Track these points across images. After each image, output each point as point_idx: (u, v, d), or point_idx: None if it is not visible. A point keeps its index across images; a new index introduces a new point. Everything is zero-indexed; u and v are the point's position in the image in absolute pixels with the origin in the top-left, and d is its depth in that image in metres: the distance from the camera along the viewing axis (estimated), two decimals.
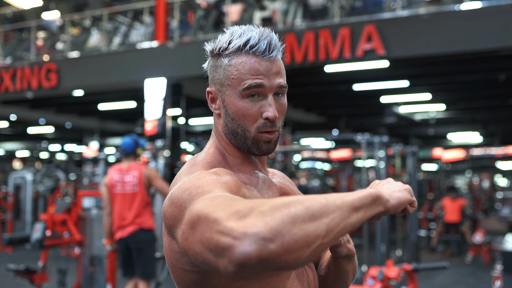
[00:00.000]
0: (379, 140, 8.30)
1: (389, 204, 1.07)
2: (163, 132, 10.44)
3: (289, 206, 0.90)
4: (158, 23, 11.48)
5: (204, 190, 1.05)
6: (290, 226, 0.87)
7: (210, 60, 1.35)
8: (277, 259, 0.86)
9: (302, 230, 0.88)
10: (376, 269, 4.18)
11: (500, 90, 13.59)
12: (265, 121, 1.27)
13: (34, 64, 12.37)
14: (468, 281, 8.77)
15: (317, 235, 0.89)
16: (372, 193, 1.02)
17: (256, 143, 1.29)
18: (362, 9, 10.51)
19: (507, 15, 8.17)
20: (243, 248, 0.85)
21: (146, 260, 5.42)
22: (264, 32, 1.27)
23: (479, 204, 18.30)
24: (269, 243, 0.85)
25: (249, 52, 1.25)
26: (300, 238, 0.87)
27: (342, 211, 0.94)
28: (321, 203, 0.92)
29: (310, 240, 0.88)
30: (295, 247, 0.87)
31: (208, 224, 0.92)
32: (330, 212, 0.92)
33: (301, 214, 0.89)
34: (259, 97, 1.26)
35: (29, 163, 25.10)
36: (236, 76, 1.25)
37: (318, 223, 0.90)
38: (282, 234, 0.86)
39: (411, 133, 21.14)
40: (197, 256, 0.96)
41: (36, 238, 6.07)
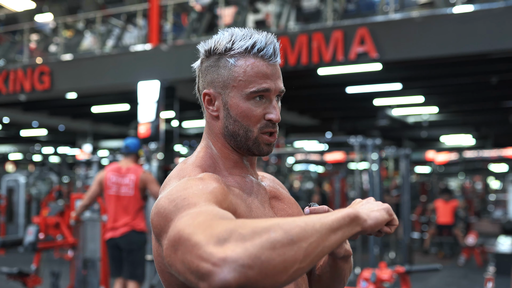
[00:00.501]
0: (372, 142, 8.33)
1: (366, 224, 1.07)
2: (157, 135, 10.43)
3: (269, 231, 0.90)
4: (152, 26, 11.47)
5: (189, 203, 1.05)
6: (269, 252, 0.88)
7: (206, 61, 1.34)
8: (254, 284, 0.86)
9: (280, 256, 0.88)
10: (369, 272, 4.19)
11: (492, 92, 13.66)
12: (268, 122, 1.28)
13: (27, 67, 12.34)
14: (461, 283, 8.80)
15: (294, 260, 0.90)
16: (350, 214, 1.03)
17: (257, 144, 1.30)
18: (355, 12, 10.56)
19: (499, 19, 8.22)
20: (222, 276, 0.85)
21: (136, 261, 5.42)
22: (269, 36, 1.28)
23: (471, 206, 18.36)
24: (248, 270, 0.86)
25: (257, 55, 1.26)
26: (279, 263, 0.88)
27: (320, 234, 0.95)
28: (301, 227, 0.93)
29: (288, 265, 0.89)
30: (273, 272, 0.87)
31: (188, 247, 0.92)
32: (308, 236, 0.93)
33: (280, 239, 0.89)
34: (263, 100, 1.28)
35: (22, 166, 24.98)
36: (243, 78, 1.26)
37: (296, 247, 0.90)
38: (261, 261, 0.86)
39: (404, 136, 21.20)
40: (179, 274, 0.97)
41: (29, 241, 6.05)
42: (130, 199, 5.37)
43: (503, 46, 8.34)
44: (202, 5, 11.42)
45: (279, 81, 1.30)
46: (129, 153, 5.62)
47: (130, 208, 5.36)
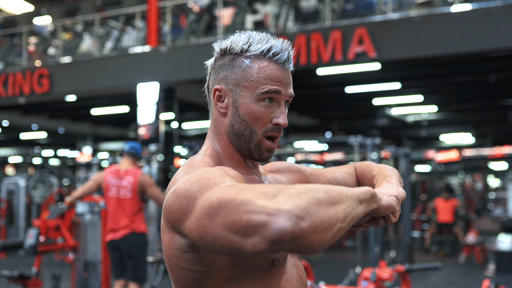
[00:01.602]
0: (372, 142, 8.33)
1: (381, 203, 1.13)
2: (156, 137, 10.45)
3: (312, 190, 0.94)
4: (150, 28, 11.49)
5: (216, 182, 1.07)
6: (316, 208, 0.91)
7: (220, 59, 1.35)
8: (306, 238, 0.89)
9: (326, 212, 0.92)
10: (370, 271, 4.20)
11: (491, 91, 13.68)
12: (274, 126, 1.30)
13: (26, 70, 12.35)
14: (461, 281, 8.81)
15: (337, 219, 0.94)
16: (371, 190, 1.08)
17: (258, 148, 1.32)
18: (353, 12, 10.57)
19: (497, 17, 8.24)
20: (279, 224, 0.88)
21: (137, 263, 5.42)
22: (285, 43, 1.32)
23: (471, 205, 18.37)
24: (301, 221, 0.88)
25: (271, 59, 1.29)
26: (325, 219, 0.91)
27: (352, 201, 1.00)
28: (337, 191, 0.98)
29: (333, 222, 0.93)
30: (321, 227, 0.91)
31: (234, 207, 0.94)
32: (344, 200, 0.98)
33: (324, 198, 0.93)
34: (272, 103, 1.30)
35: (22, 169, 25.00)
36: (256, 79, 1.28)
37: (337, 208, 0.95)
38: (311, 214, 0.90)
39: (403, 135, 21.22)
40: (216, 240, 0.98)
41: (29, 244, 6.05)
42: (129, 202, 5.38)
43: (501, 44, 8.35)
44: (201, 6, 11.43)
45: (289, 87, 1.32)
46: (132, 154, 5.62)
47: (129, 210, 5.37)
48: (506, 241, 9.71)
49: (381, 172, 1.47)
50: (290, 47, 1.33)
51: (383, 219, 1.22)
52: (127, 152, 5.65)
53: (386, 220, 1.22)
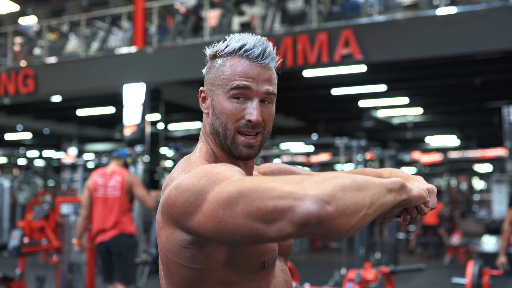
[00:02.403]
0: (357, 144, 8.36)
1: (412, 193, 1.13)
2: (142, 138, 10.41)
3: (337, 177, 0.96)
4: (137, 28, 11.45)
5: (225, 175, 1.07)
6: (342, 193, 0.93)
7: (208, 63, 1.37)
8: (331, 222, 0.91)
9: (351, 198, 0.93)
10: (354, 272, 4.22)
11: (476, 94, 13.79)
12: (247, 122, 1.28)
13: (11, 70, 12.26)
14: (445, 283, 8.86)
15: (363, 205, 0.95)
16: (400, 181, 1.10)
17: (235, 145, 1.30)
18: (339, 14, 10.61)
19: (482, 20, 8.31)
20: (305, 207, 0.89)
21: (126, 264, 5.40)
22: (261, 39, 1.31)
23: (456, 207, 18.50)
24: (327, 205, 0.90)
25: (242, 56, 1.29)
26: (351, 204, 0.93)
27: (380, 189, 1.01)
28: (363, 178, 0.99)
29: (358, 208, 0.94)
30: (347, 212, 0.92)
31: (258, 194, 0.95)
32: (371, 187, 0.99)
33: (349, 184, 0.95)
34: (245, 100, 1.28)
35: (6, 170, 24.79)
36: (227, 76, 1.28)
37: (363, 194, 0.96)
38: (337, 199, 0.91)
39: (389, 137, 21.32)
40: (237, 229, 0.98)
41: (13, 246, 6.01)
42: (117, 200, 5.36)
43: (486, 47, 8.43)
44: (187, 7, 11.42)
45: (264, 83, 1.29)
46: (118, 157, 5.62)
47: (117, 210, 5.34)
48: (490, 242, 9.78)
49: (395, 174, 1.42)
50: (267, 43, 1.31)
51: (415, 210, 1.22)
52: (113, 157, 5.68)
53: (419, 211, 1.22)
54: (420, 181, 1.29)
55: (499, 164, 21.85)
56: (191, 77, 10.27)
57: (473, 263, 4.47)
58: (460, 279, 4.77)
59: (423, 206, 1.21)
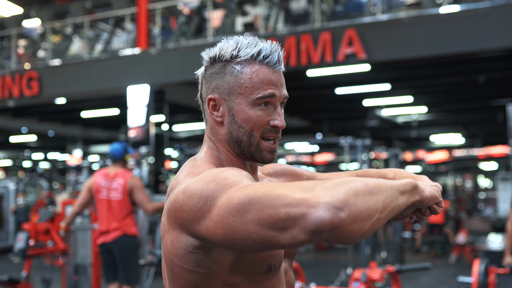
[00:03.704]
0: (362, 143, 8.36)
1: (424, 194, 1.14)
2: (147, 139, 10.43)
3: (349, 182, 0.96)
4: (140, 30, 11.47)
5: (234, 181, 1.06)
6: (355, 198, 0.93)
7: (210, 68, 1.33)
8: (344, 228, 0.91)
9: (364, 203, 0.94)
10: (360, 271, 4.21)
11: (480, 92, 13.76)
12: (271, 128, 1.30)
13: (15, 73, 12.29)
14: (451, 282, 8.84)
15: (376, 209, 0.96)
16: (412, 182, 1.10)
17: (259, 151, 1.30)
18: (343, 14, 10.60)
19: (485, 18, 8.29)
20: (318, 214, 0.90)
21: (129, 265, 5.40)
22: (274, 44, 1.31)
23: (462, 205, 18.45)
24: (340, 212, 0.90)
25: (262, 62, 1.28)
26: (364, 209, 0.93)
27: (392, 191, 1.02)
28: (375, 182, 0.99)
29: (371, 212, 0.95)
30: (359, 217, 0.92)
31: (269, 202, 0.95)
32: (383, 190, 0.99)
33: (361, 189, 0.95)
34: (268, 106, 1.29)
35: (11, 172, 24.86)
36: (250, 84, 1.26)
37: (376, 198, 0.96)
38: (349, 205, 0.92)
39: (393, 136, 21.28)
40: (249, 237, 0.98)
41: (19, 248, 6.02)
42: (119, 203, 5.36)
43: (490, 45, 8.41)
44: (191, 8, 11.43)
45: (283, 88, 1.31)
46: (115, 160, 5.60)
47: (120, 212, 5.34)
48: (496, 240, 9.75)
49: (400, 175, 1.42)
50: (280, 48, 1.31)
51: (428, 210, 1.23)
52: (111, 160, 5.65)
53: (432, 211, 1.23)
54: (425, 181, 1.28)
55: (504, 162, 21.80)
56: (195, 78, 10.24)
57: (479, 262, 4.46)
58: (466, 278, 4.76)
59: (436, 206, 1.22)
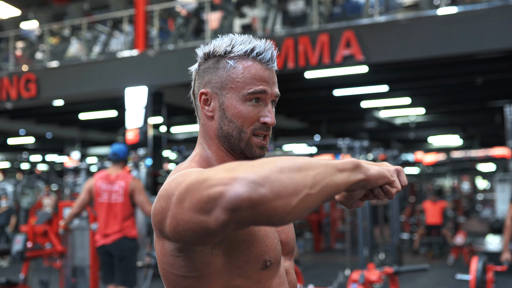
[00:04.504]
0: (360, 144, 8.36)
1: (369, 172, 1.07)
2: (145, 141, 10.42)
3: (276, 160, 0.94)
4: (138, 32, 11.47)
5: (189, 173, 1.07)
6: (278, 174, 0.91)
7: (204, 63, 1.33)
8: (267, 204, 0.89)
9: (289, 178, 0.91)
10: (358, 273, 4.21)
11: (478, 93, 13.78)
12: (262, 125, 1.30)
13: (13, 74, 12.28)
14: (450, 283, 8.84)
15: (304, 185, 0.93)
16: (354, 160, 1.05)
17: (249, 147, 1.30)
18: (340, 16, 10.62)
19: (483, 20, 8.30)
20: (233, 190, 0.88)
21: (128, 268, 5.40)
22: (268, 43, 1.32)
23: (460, 206, 18.47)
24: (259, 187, 0.88)
25: (255, 59, 1.29)
26: (289, 185, 0.90)
27: (326, 168, 0.98)
28: (306, 160, 0.97)
29: (298, 188, 0.92)
30: (284, 193, 0.90)
31: (198, 187, 0.94)
32: (315, 167, 0.96)
33: (287, 166, 0.93)
34: (259, 103, 1.29)
35: (9, 175, 24.82)
36: (241, 79, 1.27)
37: (304, 174, 0.94)
38: (272, 180, 0.89)
39: (391, 137, 21.30)
40: (188, 226, 0.97)
41: (17, 250, 6.01)
42: (120, 206, 5.35)
43: (488, 46, 8.42)
44: (188, 10, 11.43)
45: (275, 86, 1.32)
46: (117, 160, 5.59)
47: (121, 215, 5.34)
48: (494, 242, 9.77)
49: None
50: (273, 47, 1.33)
51: (382, 191, 1.14)
52: (112, 160, 5.64)
53: (386, 192, 1.13)
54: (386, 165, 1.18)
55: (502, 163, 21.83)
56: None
57: (477, 259, 4.46)
58: (464, 276, 4.76)
59: (389, 187, 1.13)
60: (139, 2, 11.44)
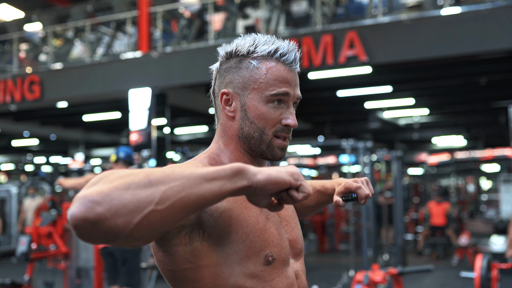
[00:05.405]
0: (364, 145, 8.35)
1: (255, 178, 0.98)
2: (149, 142, 10.43)
3: (132, 174, 0.93)
4: (141, 33, 11.48)
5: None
6: (121, 192, 0.90)
7: (225, 63, 1.32)
8: (105, 222, 0.88)
9: (132, 196, 0.90)
10: (363, 274, 4.21)
11: (482, 93, 13.74)
12: (284, 127, 1.30)
13: (17, 77, 12.31)
14: (454, 284, 8.83)
15: (149, 201, 0.91)
16: (233, 166, 0.98)
17: (271, 148, 1.30)
18: (344, 16, 10.60)
19: (487, 20, 8.28)
20: (72, 211, 0.88)
21: (131, 269, 5.40)
22: (291, 43, 1.32)
23: (464, 207, 18.42)
24: (96, 205, 0.88)
25: (279, 60, 1.28)
26: (129, 202, 0.89)
27: (186, 180, 0.94)
28: (165, 172, 0.95)
29: (141, 205, 0.90)
30: (123, 211, 0.89)
31: None
32: (170, 180, 0.94)
33: (137, 181, 0.92)
34: (281, 104, 1.29)
35: (14, 176, 24.87)
36: (265, 80, 1.27)
37: (153, 190, 0.92)
38: (111, 198, 0.89)
39: (395, 138, 21.27)
40: None
41: (21, 252, 6.02)
42: None
43: (491, 47, 8.40)
44: (192, 11, 11.44)
45: (297, 88, 1.32)
46: (122, 159, 5.60)
47: None
48: (498, 242, 9.74)
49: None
50: (296, 48, 1.32)
51: (289, 198, 1.03)
52: (123, 160, 5.63)
53: (292, 198, 1.03)
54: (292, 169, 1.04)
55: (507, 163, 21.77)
56: (196, 81, 10.29)
57: (482, 257, 4.44)
58: (468, 273, 4.75)
59: (294, 192, 1.02)
60: (142, 3, 11.46)
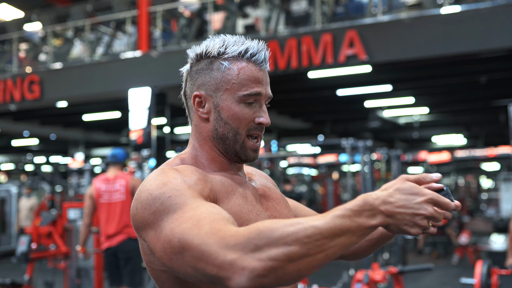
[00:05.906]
0: (364, 144, 8.35)
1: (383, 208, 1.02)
2: (149, 142, 10.42)
3: (285, 243, 0.94)
4: (141, 33, 11.48)
5: (177, 202, 1.07)
6: (285, 264, 0.93)
7: (196, 65, 1.33)
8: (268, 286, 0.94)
9: (296, 268, 0.94)
10: (363, 273, 4.21)
11: (482, 92, 13.74)
12: (257, 125, 1.30)
13: (17, 76, 12.30)
14: (454, 282, 8.82)
15: (309, 269, 0.96)
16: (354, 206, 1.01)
17: (244, 149, 1.30)
18: (343, 15, 10.58)
19: (486, 18, 8.28)
20: (238, 281, 0.93)
21: (134, 269, 5.40)
22: (261, 43, 1.31)
23: (464, 206, 18.42)
24: (264, 279, 0.93)
25: (249, 60, 1.28)
26: (293, 272, 0.94)
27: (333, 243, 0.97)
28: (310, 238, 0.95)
29: (302, 274, 0.96)
30: (287, 280, 0.95)
31: (202, 257, 0.97)
32: (324, 249, 0.96)
33: (296, 252, 0.94)
34: (254, 104, 1.29)
35: (14, 176, 24.86)
36: (237, 81, 1.27)
37: (311, 258, 0.95)
38: (277, 272, 0.93)
39: (395, 137, 21.27)
40: (189, 276, 1.02)
41: (21, 251, 6.02)
42: (123, 204, 5.36)
43: (491, 45, 8.39)
44: (191, 11, 11.43)
45: (268, 87, 1.32)
46: (115, 162, 5.61)
47: (123, 214, 5.34)
48: (498, 241, 9.73)
49: None
50: (266, 47, 1.32)
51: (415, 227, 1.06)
52: (110, 162, 5.66)
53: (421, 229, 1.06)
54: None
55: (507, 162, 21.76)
56: None
57: (482, 263, 4.45)
58: (468, 279, 4.75)
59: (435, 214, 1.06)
60: (142, 3, 11.45)
